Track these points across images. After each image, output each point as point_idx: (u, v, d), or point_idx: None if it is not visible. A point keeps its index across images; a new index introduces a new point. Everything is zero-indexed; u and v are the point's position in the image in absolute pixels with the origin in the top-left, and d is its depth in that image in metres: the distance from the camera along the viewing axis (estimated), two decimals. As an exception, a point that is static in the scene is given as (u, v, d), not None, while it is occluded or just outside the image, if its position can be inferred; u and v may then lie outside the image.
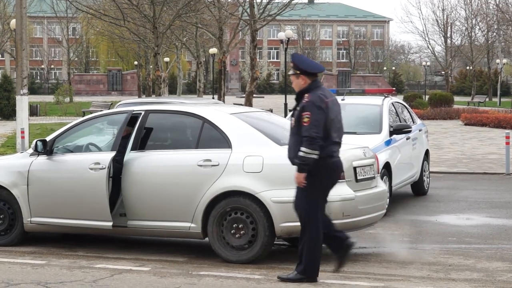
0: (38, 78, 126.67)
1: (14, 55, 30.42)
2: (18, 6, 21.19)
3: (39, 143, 11.68)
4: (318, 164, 9.42)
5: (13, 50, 65.09)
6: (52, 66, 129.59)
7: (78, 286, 9.32)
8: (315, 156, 9.34)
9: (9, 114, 49.97)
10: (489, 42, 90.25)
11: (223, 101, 38.96)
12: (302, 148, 9.34)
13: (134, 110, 11.66)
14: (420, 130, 17.96)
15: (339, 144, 9.74)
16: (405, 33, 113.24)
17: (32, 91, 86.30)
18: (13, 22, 42.88)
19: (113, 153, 11.28)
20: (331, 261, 10.30)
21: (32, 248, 11.72)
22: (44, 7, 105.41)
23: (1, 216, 11.92)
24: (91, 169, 11.23)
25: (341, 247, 9.76)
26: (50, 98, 77.76)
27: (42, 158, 11.64)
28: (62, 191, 11.46)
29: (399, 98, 21.11)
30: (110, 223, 11.17)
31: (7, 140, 33.74)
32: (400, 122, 16.76)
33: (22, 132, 20.64)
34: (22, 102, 20.92)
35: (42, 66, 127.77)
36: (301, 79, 9.67)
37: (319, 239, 9.58)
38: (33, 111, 53.57)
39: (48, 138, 11.87)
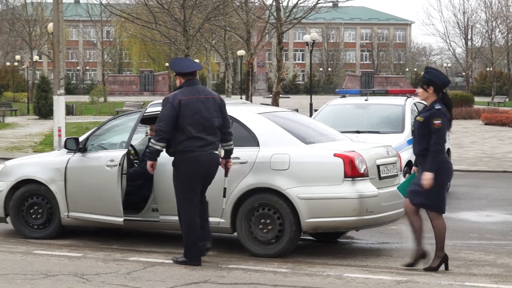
0: (74, 79, 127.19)
1: (52, 57, 30.57)
2: (55, 11, 21.29)
3: (68, 141, 11.80)
4: (177, 158, 10.05)
5: (51, 52, 65.43)
6: (87, 68, 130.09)
7: (113, 277, 9.36)
8: (158, 147, 9.98)
9: (47, 113, 50.30)
10: (509, 44, 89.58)
11: (251, 101, 38.94)
12: (151, 139, 10.05)
13: (146, 111, 11.73)
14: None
15: (201, 139, 9.99)
16: (426, 36, 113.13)
17: (68, 91, 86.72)
18: (50, 25, 43.15)
19: (125, 151, 11.35)
20: (355, 255, 10.32)
21: (69, 241, 11.79)
22: (80, 11, 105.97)
23: (40, 211, 12.02)
24: (107, 166, 11.32)
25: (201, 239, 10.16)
26: (85, 98, 78.15)
27: (78, 156, 11.71)
28: (88, 187, 11.54)
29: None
30: (121, 219, 11.23)
31: (45, 138, 33.96)
32: (422, 121, 16.68)
33: (59, 130, 20.76)
34: (59, 102, 21.01)
35: (78, 68, 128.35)
36: (177, 79, 10.28)
37: (191, 226, 10.03)
38: (69, 110, 53.81)
39: (83, 137, 11.95)
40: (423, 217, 10.03)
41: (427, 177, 9.70)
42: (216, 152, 10.20)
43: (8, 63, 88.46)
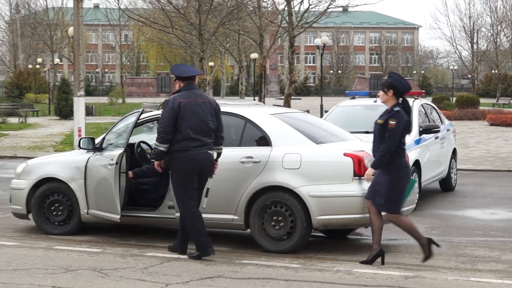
0: (93, 81, 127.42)
1: (72, 60, 30.66)
2: (75, 15, 21.35)
3: (82, 141, 11.84)
4: (173, 157, 10.15)
5: (71, 56, 65.57)
6: (106, 70, 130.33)
7: (131, 272, 9.38)
8: (162, 149, 10.14)
9: (67, 114, 50.40)
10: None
11: (264, 102, 38.93)
12: (155, 141, 10.24)
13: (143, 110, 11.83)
14: (448, 130, 17.84)
15: (197, 140, 10.15)
16: (433, 39, 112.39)
17: (88, 93, 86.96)
18: (71, 29, 43.20)
19: (121, 150, 11.35)
20: (364, 251, 10.30)
21: (89, 237, 11.82)
22: (99, 16, 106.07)
23: (60, 208, 12.06)
24: (109, 164, 11.35)
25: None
26: (104, 100, 78.26)
27: (96, 155, 11.74)
28: (98, 185, 11.57)
29: (428, 100, 20.98)
30: (118, 216, 11.25)
31: (65, 138, 34.03)
32: (429, 122, 16.66)
33: (79, 130, 20.82)
34: (79, 103, 21.07)
35: (97, 70, 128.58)
36: (177, 83, 10.47)
37: (193, 219, 10.16)
38: (89, 111, 53.92)
39: (101, 137, 11.97)
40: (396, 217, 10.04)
41: (369, 172, 9.92)
42: (211, 152, 10.34)
43: (30, 66, 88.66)
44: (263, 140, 10.98)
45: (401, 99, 10.07)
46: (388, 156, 9.80)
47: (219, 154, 10.53)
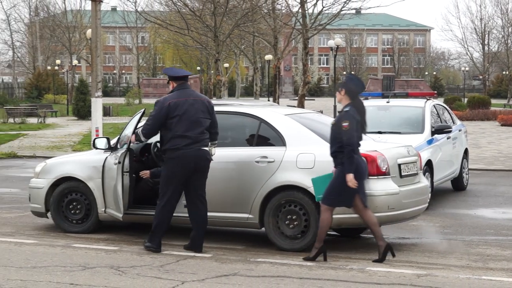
0: (111, 82, 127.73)
1: (90, 61, 30.72)
2: (93, 18, 21.37)
3: (96, 141, 11.84)
4: (166, 156, 10.42)
5: (89, 57, 65.72)
6: (123, 71, 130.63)
7: (147, 270, 9.38)
8: (142, 139, 10.79)
9: (85, 114, 50.54)
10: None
11: (278, 103, 38.91)
12: (140, 130, 10.72)
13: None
14: (459, 130, 17.78)
15: (187, 137, 10.30)
16: (445, 41, 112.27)
17: (105, 93, 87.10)
18: (89, 31, 43.34)
19: (123, 149, 11.37)
20: (377, 250, 10.25)
21: (106, 235, 11.82)
22: (116, 18, 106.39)
23: (78, 207, 12.06)
24: (114, 164, 11.40)
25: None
26: (121, 100, 78.47)
27: (112, 154, 11.75)
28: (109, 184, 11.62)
29: (440, 101, 20.92)
30: (120, 215, 11.35)
31: (83, 138, 34.13)
32: (441, 122, 16.62)
33: (97, 130, 20.79)
34: (97, 104, 21.07)
35: (114, 71, 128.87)
36: (171, 85, 10.72)
37: (167, 218, 10.49)
38: (106, 111, 54.07)
39: (117, 137, 11.97)
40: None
41: (348, 179, 9.79)
42: (205, 148, 10.44)
43: (49, 67, 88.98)
44: (278, 140, 10.96)
45: (355, 99, 10.18)
46: (354, 156, 9.82)
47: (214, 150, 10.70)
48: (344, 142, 9.83)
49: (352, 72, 33.30)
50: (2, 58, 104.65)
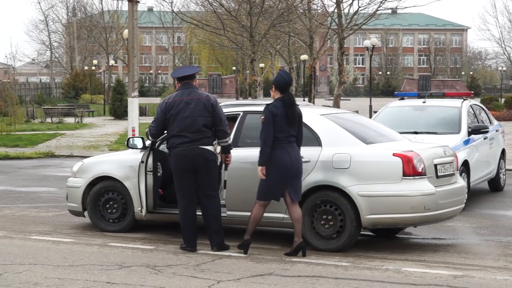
0: (147, 82, 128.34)
1: (126, 61, 30.87)
2: (130, 18, 21.46)
3: (131, 140, 11.90)
4: (170, 155, 10.69)
5: (126, 57, 66.07)
6: (159, 72, 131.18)
7: (183, 269, 9.41)
8: (148, 139, 11.15)
9: (121, 114, 50.80)
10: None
11: (313, 103, 38.83)
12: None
13: None
14: (496, 131, 17.63)
15: (183, 136, 10.48)
16: (482, 40, 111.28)
17: (142, 93, 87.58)
18: (125, 32, 43.55)
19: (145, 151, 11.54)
20: (413, 251, 10.21)
21: (142, 234, 11.87)
22: (153, 19, 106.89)
23: (115, 206, 12.11)
24: (140, 163, 11.49)
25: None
26: (157, 100, 78.73)
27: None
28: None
29: (476, 101, 20.75)
30: (143, 213, 11.53)
31: (120, 137, 34.30)
32: (478, 123, 16.50)
33: (133, 130, 20.89)
34: (133, 104, 21.16)
35: (151, 72, 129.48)
36: (177, 85, 10.86)
37: (184, 216, 10.56)
38: (142, 111, 54.27)
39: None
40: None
41: (258, 170, 10.18)
42: (204, 147, 10.51)
43: (86, 67, 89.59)
44: (313, 140, 10.94)
45: (284, 93, 10.32)
46: (265, 150, 10.11)
47: (226, 147, 10.70)
48: (260, 135, 10.16)
49: (282, 67, 33.51)
50: (40, 58, 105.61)
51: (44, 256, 10.10)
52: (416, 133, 15.18)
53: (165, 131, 10.88)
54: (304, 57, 63.65)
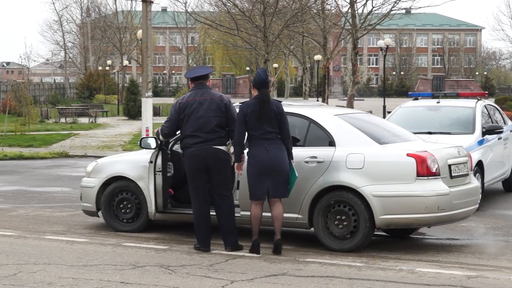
0: (161, 82, 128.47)
1: (140, 62, 30.91)
2: (144, 18, 21.51)
3: (143, 140, 11.90)
4: (184, 155, 10.71)
5: (139, 58, 66.20)
6: (173, 72, 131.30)
7: (197, 269, 9.41)
8: (160, 137, 11.17)
9: (135, 114, 50.87)
10: None
11: (327, 103, 38.80)
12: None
13: None
14: (511, 131, 17.56)
15: (196, 136, 10.51)
16: (496, 41, 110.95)
17: (155, 94, 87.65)
18: (139, 32, 43.67)
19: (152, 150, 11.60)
20: (426, 251, 10.19)
21: (156, 234, 11.88)
22: (167, 19, 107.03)
23: (129, 206, 12.12)
24: (148, 163, 11.51)
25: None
26: (171, 100, 78.80)
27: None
28: None
29: (490, 101, 20.68)
30: (152, 213, 11.59)
31: (134, 137, 34.36)
32: (492, 123, 16.44)
33: (147, 130, 20.93)
34: (147, 104, 21.20)
35: (164, 72, 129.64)
36: (191, 85, 10.92)
37: (198, 216, 10.60)
38: (156, 111, 54.33)
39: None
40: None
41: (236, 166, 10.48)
42: (218, 147, 10.54)
43: (100, 68, 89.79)
44: (327, 140, 10.93)
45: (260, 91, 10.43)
46: (237, 147, 10.33)
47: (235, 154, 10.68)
48: None
49: (260, 67, 33.69)
50: (55, 58, 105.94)
51: (58, 256, 10.13)
52: (430, 133, 15.15)
53: (178, 132, 10.91)
54: (318, 57, 63.60)
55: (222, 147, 10.55)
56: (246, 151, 10.47)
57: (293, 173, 10.38)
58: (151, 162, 11.43)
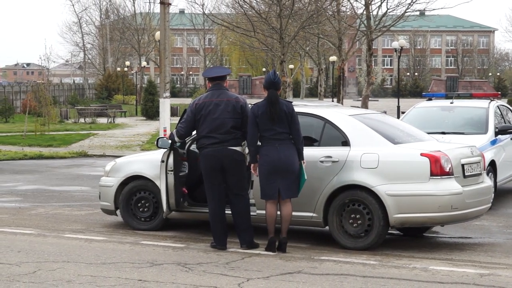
0: (178, 83, 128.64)
1: (158, 63, 30.97)
2: (162, 20, 21.55)
3: (160, 140, 11.84)
4: (200, 155, 10.70)
5: (157, 59, 66.28)
6: (190, 73, 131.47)
7: (213, 267, 9.42)
8: (175, 138, 10.99)
9: (153, 114, 50.99)
10: None
11: (342, 103, 38.76)
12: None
13: None
14: (523, 131, 17.47)
15: (212, 137, 10.50)
16: (509, 42, 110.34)
17: (173, 94, 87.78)
18: (157, 34, 43.75)
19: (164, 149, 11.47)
20: (440, 249, 10.15)
21: (173, 233, 11.90)
22: (184, 21, 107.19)
23: (147, 205, 12.13)
24: (160, 163, 11.46)
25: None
26: (188, 101, 78.91)
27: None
28: None
29: (503, 102, 20.60)
30: (164, 212, 11.50)
31: (152, 137, 34.41)
32: (505, 123, 16.39)
33: (165, 130, 20.98)
34: (165, 104, 21.25)
35: (182, 73, 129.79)
36: (208, 85, 11.01)
37: (213, 215, 10.58)
38: (174, 112, 54.39)
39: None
40: None
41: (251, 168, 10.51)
42: (233, 147, 10.53)
43: (118, 69, 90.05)
44: (342, 140, 10.92)
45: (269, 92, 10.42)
46: (251, 148, 10.35)
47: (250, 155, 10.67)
48: None
49: (277, 67, 33.72)
50: (74, 60, 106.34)
51: (77, 254, 10.16)
52: (443, 133, 15.11)
53: (193, 132, 10.91)
54: (333, 58, 63.60)
55: (237, 148, 10.55)
56: None
57: (302, 175, 10.35)
58: (162, 161, 11.38)
